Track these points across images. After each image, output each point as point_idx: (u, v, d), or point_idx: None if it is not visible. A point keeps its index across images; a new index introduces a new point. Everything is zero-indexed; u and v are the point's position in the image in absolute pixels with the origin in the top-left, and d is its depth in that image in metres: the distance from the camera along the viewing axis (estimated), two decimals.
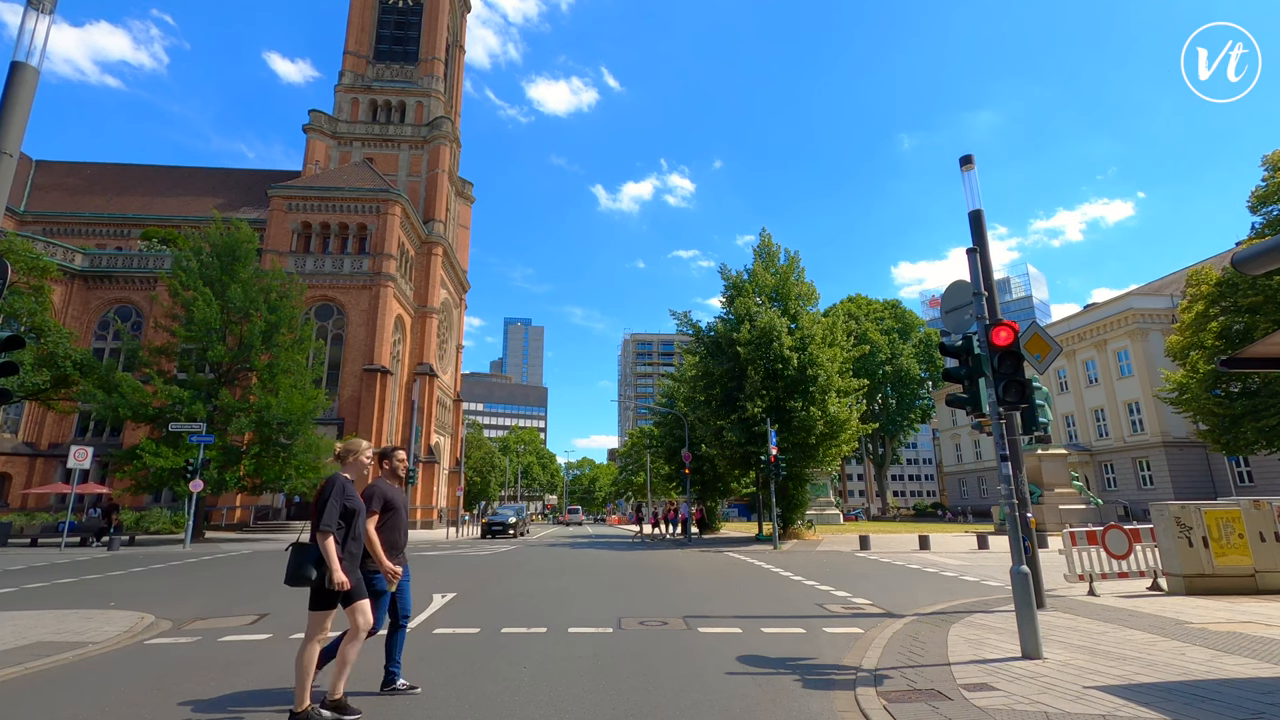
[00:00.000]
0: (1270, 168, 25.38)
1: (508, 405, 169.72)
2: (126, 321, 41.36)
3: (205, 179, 55.49)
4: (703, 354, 28.36)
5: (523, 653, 6.56)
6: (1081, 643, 6.45)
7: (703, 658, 6.29)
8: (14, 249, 27.37)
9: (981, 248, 8.86)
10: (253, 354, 27.99)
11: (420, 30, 56.32)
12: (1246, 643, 6.32)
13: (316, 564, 4.24)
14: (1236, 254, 5.05)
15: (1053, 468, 31.46)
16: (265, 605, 9.69)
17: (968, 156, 8.72)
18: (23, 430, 38.53)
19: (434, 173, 52.21)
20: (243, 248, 29.59)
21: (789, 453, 24.92)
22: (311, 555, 4.26)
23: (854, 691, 5.04)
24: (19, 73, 6.20)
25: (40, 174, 52.44)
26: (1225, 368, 6.23)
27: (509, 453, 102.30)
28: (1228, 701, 4.50)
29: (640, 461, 47.26)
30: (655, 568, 16.12)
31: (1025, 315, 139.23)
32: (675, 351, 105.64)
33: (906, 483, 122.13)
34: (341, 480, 4.46)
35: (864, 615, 8.72)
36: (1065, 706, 4.44)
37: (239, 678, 5.63)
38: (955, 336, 7.50)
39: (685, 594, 11.03)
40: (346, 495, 4.42)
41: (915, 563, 16.23)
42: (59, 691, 5.33)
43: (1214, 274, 26.94)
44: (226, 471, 26.91)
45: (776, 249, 29.23)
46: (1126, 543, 10.29)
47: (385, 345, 41.99)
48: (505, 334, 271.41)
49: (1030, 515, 8.85)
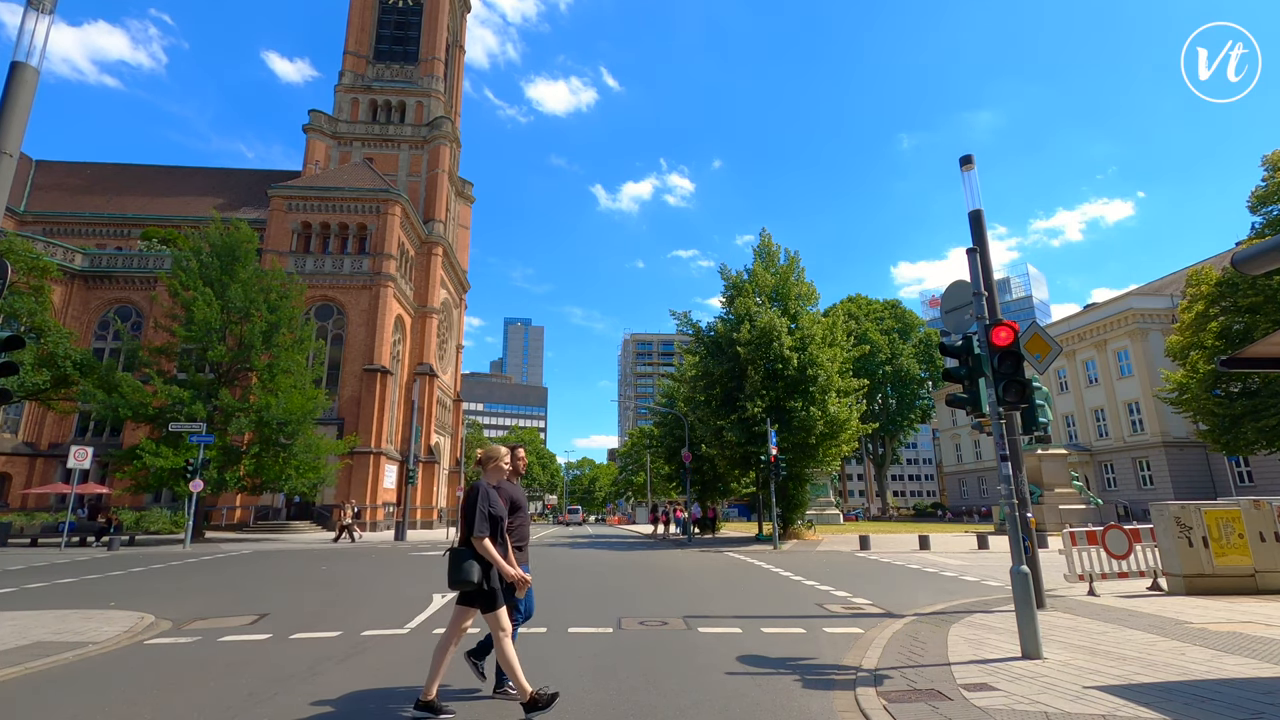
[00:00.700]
0: (1270, 168, 25.38)
1: (508, 405, 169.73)
2: (126, 321, 41.31)
3: (205, 179, 55.48)
4: (703, 354, 28.34)
5: (522, 653, 6.55)
6: (1081, 643, 6.45)
7: (703, 658, 6.29)
8: (14, 249, 27.36)
9: (981, 248, 8.86)
10: (253, 354, 27.99)
11: (420, 30, 56.30)
12: (1246, 643, 6.32)
13: (479, 566, 4.46)
14: (1236, 254, 5.05)
15: (1053, 468, 31.47)
16: (265, 605, 9.69)
17: (968, 156, 8.72)
18: (23, 430, 38.52)
19: (434, 173, 52.21)
20: (243, 248, 29.59)
21: (789, 453, 24.91)
22: (466, 557, 4.47)
23: (854, 691, 5.04)
24: (19, 73, 6.20)
25: (40, 174, 52.42)
26: (1225, 368, 6.23)
27: None
28: (1228, 701, 4.50)
29: (640, 461, 47.27)
30: (655, 568, 16.12)
31: (1025, 315, 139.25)
32: (675, 351, 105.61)
33: (906, 483, 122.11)
34: (485, 487, 4.68)
35: (864, 615, 8.72)
36: (1065, 706, 4.44)
37: (239, 678, 5.63)
38: (955, 336, 7.50)
39: (685, 594, 11.03)
40: (491, 501, 4.61)
41: (915, 563, 16.23)
42: (59, 691, 5.33)
43: (1214, 274, 26.94)
44: (226, 471, 26.91)
45: (776, 249, 29.21)
46: (1126, 543, 10.30)
47: (385, 345, 41.98)
48: (505, 334, 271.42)
49: (1030, 515, 8.85)
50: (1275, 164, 25.22)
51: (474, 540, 4.47)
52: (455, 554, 4.52)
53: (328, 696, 5.07)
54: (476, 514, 4.51)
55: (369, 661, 6.22)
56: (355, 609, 9.42)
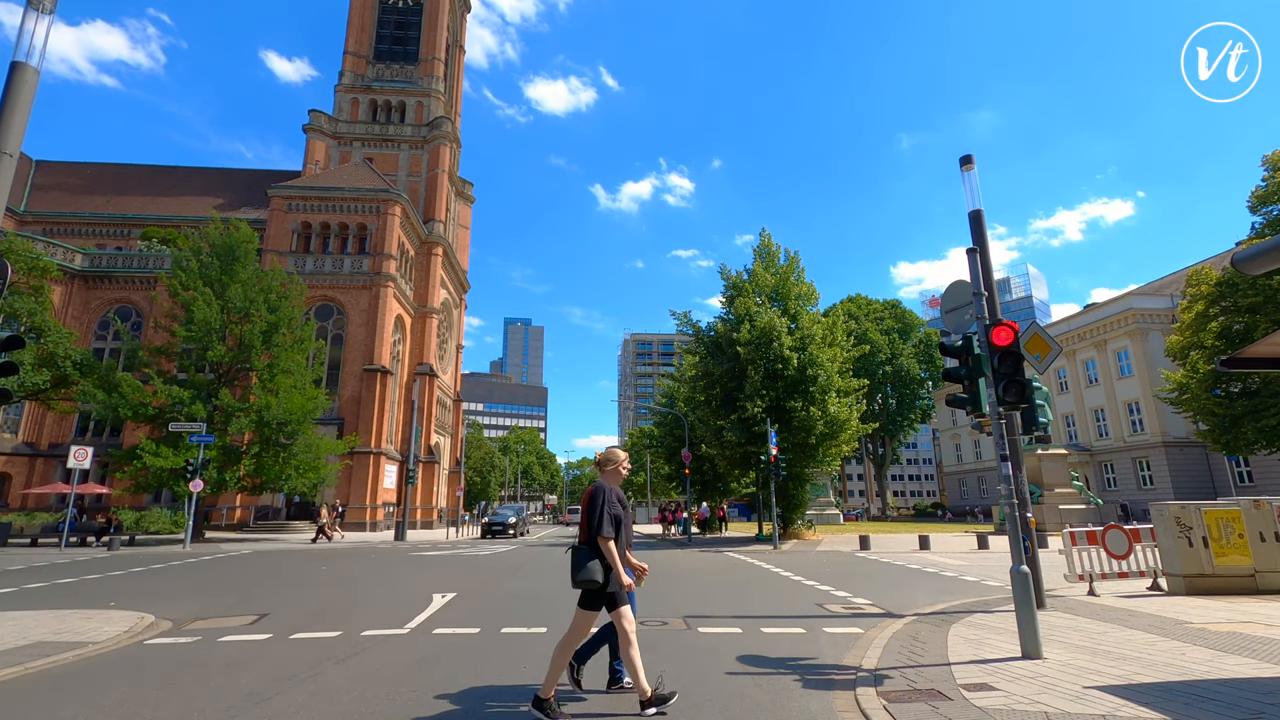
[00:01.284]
0: (1270, 168, 25.39)
1: (508, 405, 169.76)
2: (126, 321, 41.28)
3: (205, 179, 55.48)
4: (703, 354, 28.36)
5: (523, 653, 6.56)
6: (1081, 643, 6.45)
7: (703, 658, 6.29)
8: (14, 249, 27.36)
9: (981, 248, 8.86)
10: (253, 354, 27.98)
11: (420, 30, 56.29)
12: (1246, 643, 6.32)
13: (601, 565, 4.49)
14: (1236, 254, 5.05)
15: (1053, 468, 31.48)
16: (265, 605, 9.69)
17: (968, 156, 8.71)
18: (23, 430, 38.52)
19: (434, 173, 52.21)
20: (242, 248, 29.58)
21: (789, 453, 24.92)
22: (589, 557, 4.50)
23: (854, 691, 5.04)
24: (19, 73, 6.21)
25: (40, 174, 52.42)
26: (1225, 368, 6.23)
27: (509, 453, 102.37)
28: (1228, 701, 4.50)
29: (640, 461, 47.25)
30: (655, 568, 16.11)
31: (1025, 315, 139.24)
32: (675, 351, 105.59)
33: (906, 483, 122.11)
34: (608, 488, 4.73)
35: (864, 615, 8.72)
36: (1065, 706, 4.44)
37: (239, 677, 5.63)
38: (955, 336, 7.50)
39: (685, 594, 11.04)
40: (612, 503, 4.66)
41: (915, 563, 16.23)
42: (59, 691, 5.33)
43: (1214, 274, 26.95)
44: (226, 471, 26.91)
45: (776, 249, 29.22)
46: (1126, 543, 10.29)
47: (385, 345, 41.98)
48: (505, 334, 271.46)
49: (1030, 515, 8.85)
50: (1275, 164, 25.23)
51: (599, 540, 4.50)
52: (578, 553, 4.54)
53: (328, 696, 5.07)
54: (602, 514, 4.54)
55: (369, 661, 6.22)
56: (355, 609, 9.42)
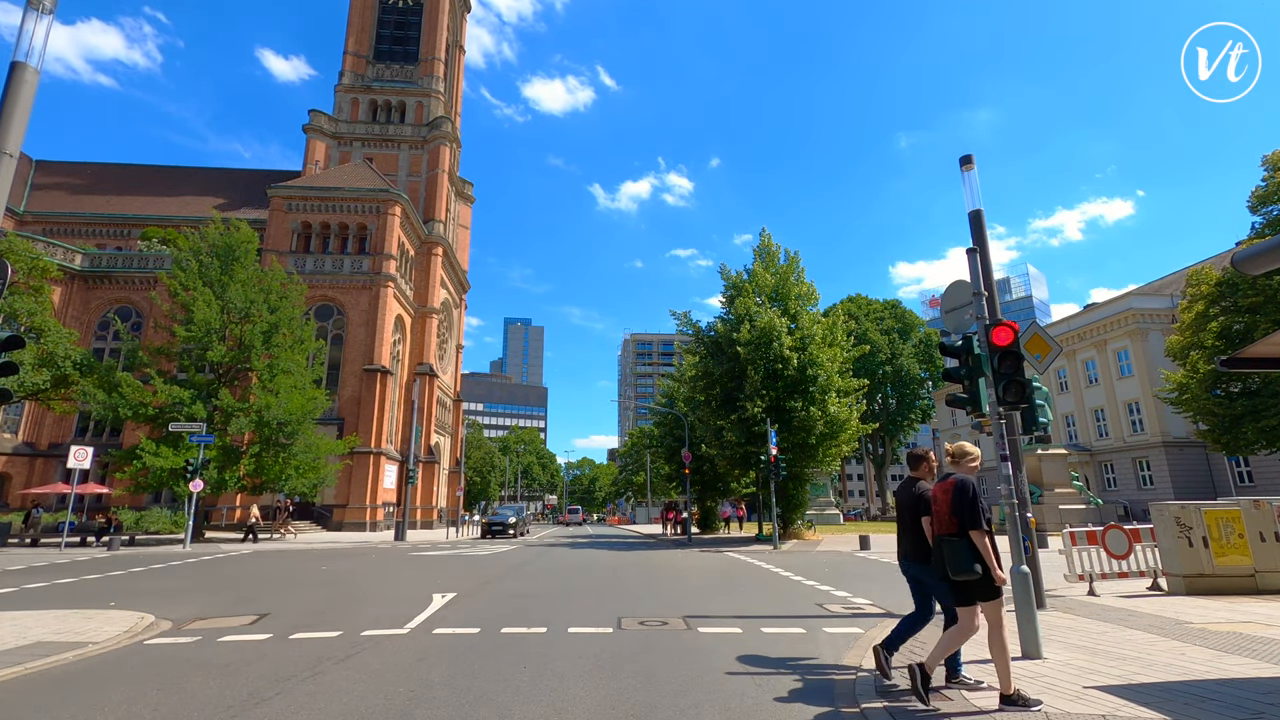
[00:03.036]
0: (1270, 168, 25.37)
1: (508, 405, 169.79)
2: (126, 321, 41.23)
3: (205, 179, 55.48)
4: (702, 354, 28.34)
5: (523, 652, 6.56)
6: (1081, 643, 6.45)
7: (703, 658, 6.29)
8: (14, 249, 27.34)
9: (981, 248, 8.85)
10: (253, 354, 27.97)
11: (420, 30, 56.30)
12: (1246, 643, 6.32)
13: (977, 559, 4.44)
14: (1236, 254, 5.05)
15: (1053, 468, 31.47)
16: (265, 605, 9.70)
17: (967, 156, 8.71)
18: (23, 430, 38.52)
19: (434, 173, 52.21)
20: (242, 248, 29.59)
21: (789, 453, 24.91)
22: (965, 549, 4.45)
23: (854, 692, 5.05)
24: (19, 73, 6.21)
25: (40, 174, 52.42)
26: (1225, 368, 6.23)
27: (509, 453, 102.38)
28: (1228, 701, 4.50)
29: (640, 461, 47.28)
30: (655, 568, 16.12)
31: (1025, 315, 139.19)
32: (675, 352, 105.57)
33: None
34: (974, 482, 4.65)
35: (864, 615, 8.72)
36: (1065, 706, 4.44)
37: (239, 677, 5.64)
38: (955, 336, 7.50)
39: (685, 594, 11.03)
40: (981, 496, 4.62)
41: None
42: (58, 691, 5.33)
43: (1214, 274, 26.93)
44: (226, 471, 26.90)
45: (776, 249, 29.20)
46: (1126, 543, 10.29)
47: (385, 345, 41.98)
48: (505, 334, 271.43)
49: (1030, 515, 8.84)
50: (1275, 164, 25.21)
51: (975, 534, 4.46)
52: (951, 545, 4.48)
53: (328, 696, 5.07)
54: (977, 508, 4.52)
55: (369, 661, 6.22)
56: (355, 609, 9.42)
